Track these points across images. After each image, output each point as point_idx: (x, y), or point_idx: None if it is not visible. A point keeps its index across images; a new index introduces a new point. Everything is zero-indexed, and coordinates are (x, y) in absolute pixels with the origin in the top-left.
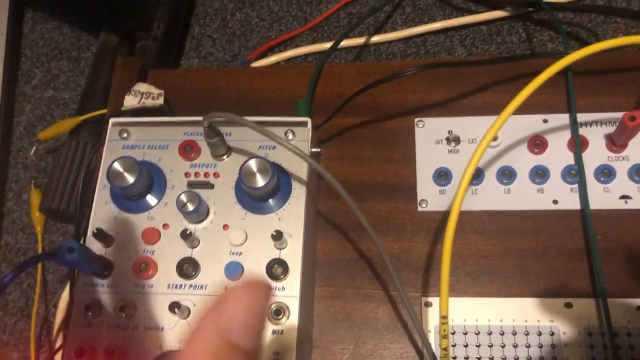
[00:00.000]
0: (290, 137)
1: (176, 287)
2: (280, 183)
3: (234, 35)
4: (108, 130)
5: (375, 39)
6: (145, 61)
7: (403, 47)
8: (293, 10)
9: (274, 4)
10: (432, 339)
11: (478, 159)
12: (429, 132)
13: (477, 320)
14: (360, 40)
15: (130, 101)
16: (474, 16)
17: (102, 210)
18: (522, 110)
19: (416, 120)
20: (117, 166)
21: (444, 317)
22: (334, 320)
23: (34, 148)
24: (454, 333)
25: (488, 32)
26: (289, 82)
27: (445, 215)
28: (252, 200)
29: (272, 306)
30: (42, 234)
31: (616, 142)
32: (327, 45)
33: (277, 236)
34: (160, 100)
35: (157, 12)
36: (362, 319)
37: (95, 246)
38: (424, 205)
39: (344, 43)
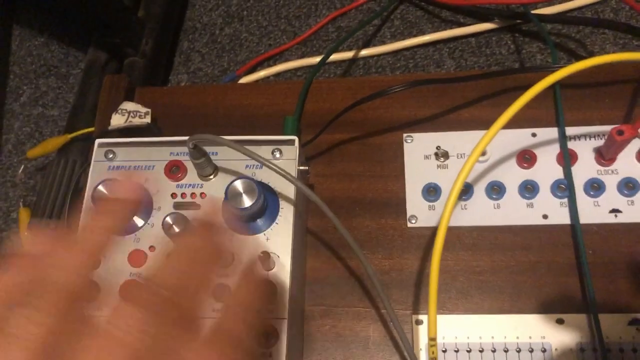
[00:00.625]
0: (278, 155)
1: None
2: (268, 203)
3: (223, 50)
4: (94, 152)
5: (364, 52)
6: (132, 79)
7: (392, 60)
8: (282, 24)
9: (262, 18)
10: (423, 357)
11: (466, 175)
12: (418, 147)
13: (468, 337)
14: (349, 54)
15: (117, 120)
16: (462, 29)
17: None
18: (510, 124)
19: (405, 135)
20: (101, 189)
21: (432, 339)
22: (325, 339)
23: (23, 166)
24: (445, 351)
25: (477, 44)
26: (277, 98)
27: (435, 231)
28: (239, 221)
29: (259, 330)
30: None
31: (605, 156)
32: (316, 59)
33: (264, 257)
34: (148, 119)
35: (145, 29)
36: (352, 338)
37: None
38: (413, 221)
39: (333, 57)
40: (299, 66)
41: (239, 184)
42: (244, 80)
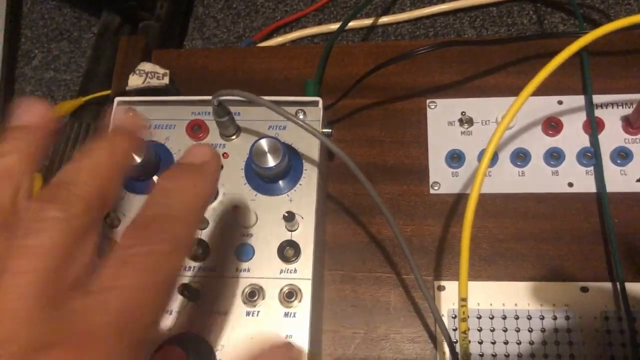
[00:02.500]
0: (301, 116)
1: (185, 269)
2: (292, 164)
3: (238, 16)
4: (113, 110)
5: (384, 20)
6: (148, 41)
7: (412, 28)
8: None
9: None
10: (446, 322)
11: (496, 144)
12: (441, 113)
13: (491, 304)
14: (368, 21)
15: (134, 81)
16: None
17: None
18: (536, 91)
19: (428, 101)
20: None
21: (463, 300)
22: (345, 305)
23: None
24: (468, 317)
25: (498, 13)
26: (297, 62)
27: (458, 198)
28: (262, 181)
29: (285, 288)
30: None
31: (633, 124)
32: (334, 26)
33: (289, 217)
34: (166, 80)
35: None
36: (373, 303)
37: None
38: (436, 188)
39: (352, 24)
40: (316, 33)
41: (264, 143)
42: (261, 45)
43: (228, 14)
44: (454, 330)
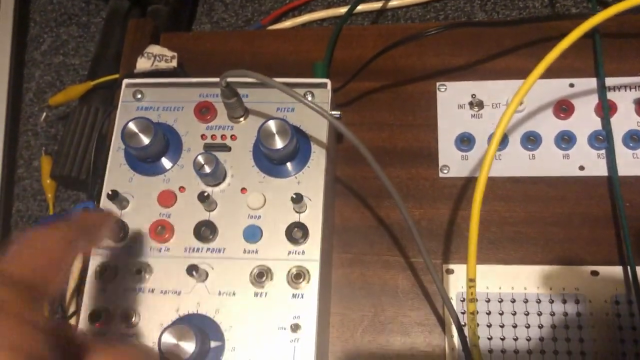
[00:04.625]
0: (310, 98)
1: (193, 250)
2: (300, 146)
3: (247, 0)
4: (122, 91)
5: (394, 3)
6: (157, 24)
7: (422, 11)
8: None
9: None
10: (454, 306)
11: (505, 126)
12: (451, 96)
13: (500, 287)
14: (377, 5)
15: (143, 64)
16: None
17: (116, 173)
18: (547, 74)
19: (438, 84)
20: (132, 126)
21: (471, 280)
22: (353, 287)
23: (44, 114)
24: (476, 300)
25: None
26: (305, 45)
27: (467, 181)
28: (270, 163)
29: (293, 270)
30: (53, 201)
31: None
32: (343, 10)
33: (297, 199)
34: (174, 63)
35: None
36: (381, 286)
37: (110, 208)
38: (445, 171)
39: (361, 7)
40: (325, 17)
41: (272, 124)
42: (269, 29)
43: None
44: (462, 313)
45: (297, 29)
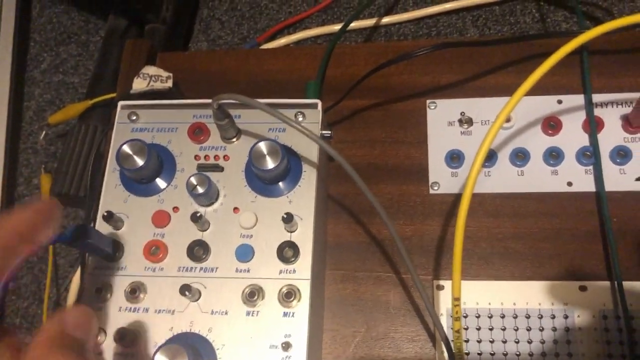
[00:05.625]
0: (301, 119)
1: (187, 269)
2: (291, 166)
3: (242, 18)
4: (117, 113)
5: (386, 20)
6: (154, 44)
7: (414, 28)
8: None
9: None
10: (444, 321)
11: (490, 142)
12: (441, 113)
13: (489, 303)
14: (370, 22)
15: (139, 84)
16: None
17: (112, 194)
18: (536, 91)
19: (428, 101)
20: (126, 149)
21: (456, 299)
22: (345, 304)
23: (44, 133)
24: (466, 316)
25: (501, 12)
26: (298, 63)
27: (457, 198)
28: (262, 183)
29: (284, 288)
30: None
31: (632, 123)
32: (337, 27)
33: (288, 219)
34: (169, 83)
35: None
36: (373, 302)
37: (105, 229)
38: (435, 188)
39: (355, 24)
40: (320, 34)
41: (262, 145)
42: (264, 47)
43: (232, 16)
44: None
45: (290, 48)
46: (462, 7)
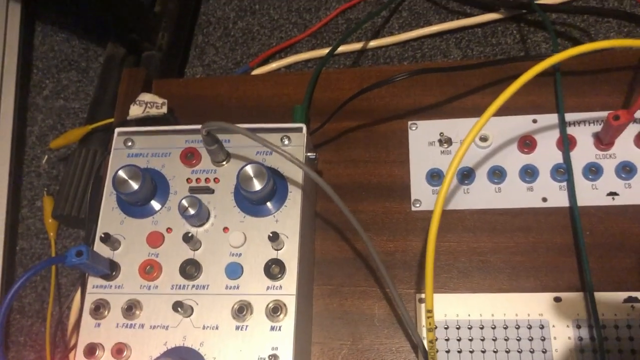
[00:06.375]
0: (286, 142)
1: (180, 287)
2: (277, 187)
3: (236, 43)
4: (113, 140)
5: (373, 43)
6: (150, 71)
7: (400, 51)
8: (293, 17)
9: (274, 12)
10: (426, 333)
11: (459, 160)
12: (422, 134)
13: (469, 315)
14: (358, 46)
15: (135, 111)
16: (469, 19)
17: (109, 216)
18: (512, 111)
19: (409, 123)
20: (121, 174)
21: (429, 311)
22: (332, 317)
23: (46, 157)
24: (447, 328)
25: (483, 34)
26: (287, 88)
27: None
28: (250, 203)
29: (271, 304)
30: (55, 239)
31: (603, 141)
32: (326, 50)
33: (274, 237)
34: (164, 109)
35: (162, 23)
36: (359, 315)
37: (103, 250)
38: (417, 205)
39: (343, 48)
40: (310, 58)
41: (249, 169)
42: (256, 72)
43: (226, 42)
44: (435, 340)
45: (279, 73)
46: (446, 30)
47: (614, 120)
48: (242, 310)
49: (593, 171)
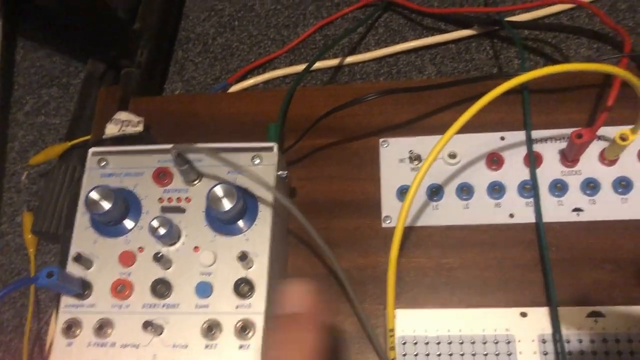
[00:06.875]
0: (257, 161)
1: (150, 306)
2: (248, 205)
3: (215, 59)
4: (88, 160)
5: (349, 59)
6: (129, 88)
7: (376, 67)
8: (271, 33)
9: (253, 28)
10: (396, 349)
11: (422, 177)
12: (393, 151)
13: (437, 330)
14: (335, 62)
15: (111, 129)
16: (443, 35)
17: (82, 235)
18: (480, 128)
19: (381, 140)
20: (93, 195)
21: (390, 330)
22: None
23: (26, 172)
24: (416, 343)
25: (457, 50)
26: (264, 106)
27: (408, 230)
28: (221, 222)
29: (239, 323)
30: (34, 255)
31: (568, 158)
32: (304, 66)
33: (243, 257)
34: (140, 128)
35: (141, 40)
36: (330, 331)
37: (76, 269)
38: (388, 222)
39: (319, 64)
40: (287, 74)
41: (218, 189)
42: (234, 88)
43: (206, 57)
44: (404, 355)
45: (256, 90)
46: (421, 46)
47: (577, 139)
48: (211, 329)
49: (559, 187)
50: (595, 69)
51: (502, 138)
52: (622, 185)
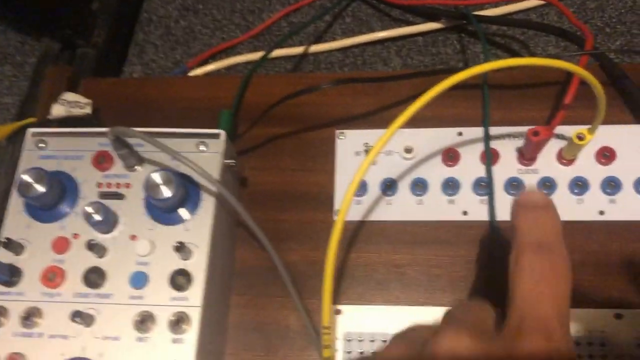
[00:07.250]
0: (203, 148)
1: (82, 295)
2: (190, 194)
3: (177, 43)
4: (26, 141)
5: (314, 48)
6: (83, 69)
7: (341, 56)
8: (236, 18)
9: (217, 12)
10: (341, 346)
11: (362, 175)
12: (349, 144)
13: (384, 327)
14: (299, 50)
15: (57, 110)
16: (410, 27)
17: (15, 219)
18: (438, 123)
19: (337, 132)
20: (25, 177)
21: (326, 328)
22: (247, 329)
23: None
24: (361, 340)
25: (424, 43)
26: (221, 92)
27: (360, 225)
28: (160, 211)
29: (174, 316)
30: None
31: (525, 156)
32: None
33: (180, 248)
34: (88, 110)
35: (98, 20)
36: (274, 326)
37: (5, 255)
38: None
39: (283, 52)
40: (249, 60)
41: (156, 176)
42: (194, 72)
43: (167, 41)
44: (348, 352)
45: (214, 76)
46: (387, 38)
47: (533, 136)
48: (144, 321)
49: (514, 186)
50: (553, 65)
51: (460, 134)
52: (579, 185)
